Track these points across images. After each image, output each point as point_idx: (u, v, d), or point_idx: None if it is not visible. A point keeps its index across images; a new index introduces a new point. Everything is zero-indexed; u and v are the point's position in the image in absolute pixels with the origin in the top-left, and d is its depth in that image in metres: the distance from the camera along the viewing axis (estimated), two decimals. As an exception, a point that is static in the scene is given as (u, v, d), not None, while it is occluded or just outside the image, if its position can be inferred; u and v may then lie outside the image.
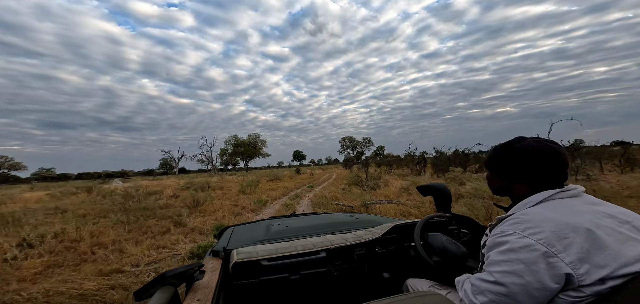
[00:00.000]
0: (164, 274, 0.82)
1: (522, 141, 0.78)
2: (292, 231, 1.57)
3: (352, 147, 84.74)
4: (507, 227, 0.69)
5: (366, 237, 1.37)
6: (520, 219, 0.68)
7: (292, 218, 1.99)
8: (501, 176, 0.83)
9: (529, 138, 0.79)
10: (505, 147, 0.82)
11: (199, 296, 0.88)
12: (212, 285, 0.96)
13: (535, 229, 0.64)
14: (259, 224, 1.88)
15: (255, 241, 1.46)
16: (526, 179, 0.76)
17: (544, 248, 0.61)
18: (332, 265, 1.27)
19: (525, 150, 0.76)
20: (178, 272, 0.86)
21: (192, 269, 0.96)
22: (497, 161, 0.83)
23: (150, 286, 0.79)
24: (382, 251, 1.38)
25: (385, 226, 1.46)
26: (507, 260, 0.65)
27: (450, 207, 1.34)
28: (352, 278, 1.32)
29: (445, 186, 1.35)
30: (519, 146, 0.78)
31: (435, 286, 1.05)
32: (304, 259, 1.22)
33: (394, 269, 1.39)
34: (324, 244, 1.30)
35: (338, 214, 2.14)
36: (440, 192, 1.33)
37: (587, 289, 0.59)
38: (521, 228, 0.66)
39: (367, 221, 1.72)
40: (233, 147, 53.99)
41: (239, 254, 1.20)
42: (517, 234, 0.65)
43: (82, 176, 72.44)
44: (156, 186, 17.57)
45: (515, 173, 0.78)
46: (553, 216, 0.65)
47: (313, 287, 1.24)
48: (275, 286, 1.18)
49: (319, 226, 1.65)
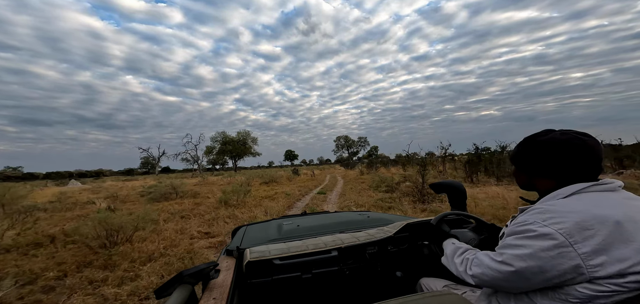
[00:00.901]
0: (182, 273, 0.85)
1: (547, 134, 0.76)
2: (304, 230, 1.58)
3: (347, 146, 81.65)
4: (529, 216, 0.69)
5: (378, 236, 1.37)
6: (544, 209, 0.67)
7: (303, 217, 2.01)
8: (525, 170, 0.81)
9: (556, 131, 0.76)
10: (528, 141, 0.80)
11: (215, 295, 0.90)
12: (226, 284, 0.98)
13: (558, 219, 0.63)
14: (271, 223, 1.90)
15: (268, 240, 1.46)
16: (551, 174, 0.75)
17: (562, 238, 0.61)
18: (343, 264, 1.27)
19: (550, 143, 0.74)
20: (195, 271, 0.89)
21: (208, 268, 0.97)
22: (521, 155, 0.82)
23: (169, 285, 0.82)
24: (395, 250, 1.37)
25: (397, 224, 1.44)
26: (522, 245, 0.65)
27: (465, 205, 1.33)
28: (364, 277, 1.32)
29: (459, 183, 1.34)
30: (542, 139, 0.76)
31: (451, 285, 1.05)
32: (315, 258, 1.23)
33: (407, 268, 1.38)
34: (335, 243, 1.30)
35: (349, 212, 2.16)
36: (455, 190, 1.32)
37: (605, 283, 0.58)
38: (543, 218, 0.65)
39: (379, 220, 1.72)
40: (221, 145, 49.38)
41: (252, 253, 1.21)
42: (538, 223, 0.65)
43: (50, 176, 65.81)
44: (111, 188, 13.92)
45: (539, 167, 0.77)
46: (581, 208, 0.64)
47: (325, 286, 1.24)
48: (287, 285, 1.18)
49: (331, 225, 1.65)
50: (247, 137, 53.53)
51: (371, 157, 72.04)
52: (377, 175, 15.00)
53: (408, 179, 9.87)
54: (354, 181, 15.54)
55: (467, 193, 1.35)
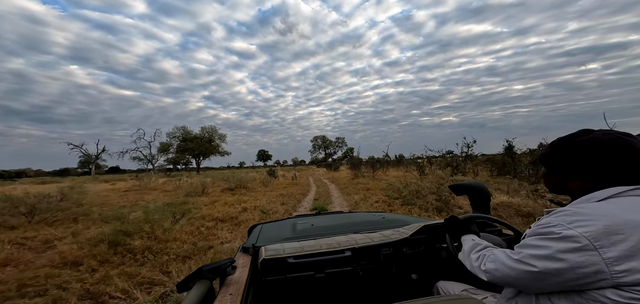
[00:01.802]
0: (201, 269, 0.88)
1: (587, 134, 0.71)
2: (318, 230, 1.57)
3: (324, 147, 78.09)
4: (554, 218, 0.65)
5: (393, 237, 1.33)
6: (571, 212, 0.64)
7: (317, 217, 2.00)
8: (558, 172, 0.76)
9: (597, 131, 0.71)
10: (565, 141, 0.74)
11: (231, 291, 0.92)
12: (242, 280, 1.00)
13: (585, 222, 0.60)
14: (285, 222, 1.91)
15: (282, 238, 1.46)
16: (587, 176, 0.69)
17: (586, 242, 0.58)
18: (357, 264, 1.25)
19: (591, 144, 0.69)
20: (213, 267, 0.93)
21: (225, 265, 1.00)
22: (554, 156, 0.76)
23: (190, 280, 0.85)
24: (411, 251, 1.34)
25: (413, 226, 1.40)
26: (542, 246, 0.63)
27: (489, 208, 1.28)
28: (378, 278, 1.29)
29: (483, 185, 1.30)
30: (582, 139, 0.70)
31: (470, 290, 1.01)
32: (329, 258, 1.22)
33: (423, 270, 1.34)
34: (349, 243, 1.28)
35: (364, 213, 2.13)
36: (478, 192, 1.27)
37: (634, 290, 0.55)
38: (569, 220, 0.62)
39: (394, 221, 1.68)
40: (180, 141, 42.25)
41: (267, 251, 1.21)
42: (562, 225, 0.62)
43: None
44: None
45: (574, 169, 0.72)
46: (613, 212, 0.60)
47: (338, 286, 1.23)
48: (301, 283, 1.18)
49: (345, 225, 1.63)
50: (214, 134, 46.74)
51: (347, 157, 70.27)
52: (376, 179, 11.17)
53: (426, 187, 6.19)
54: (351, 187, 11.61)
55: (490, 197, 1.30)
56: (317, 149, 78.62)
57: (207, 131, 46.82)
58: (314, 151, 78.85)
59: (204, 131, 45.90)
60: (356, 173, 15.62)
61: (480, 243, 0.88)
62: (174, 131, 42.84)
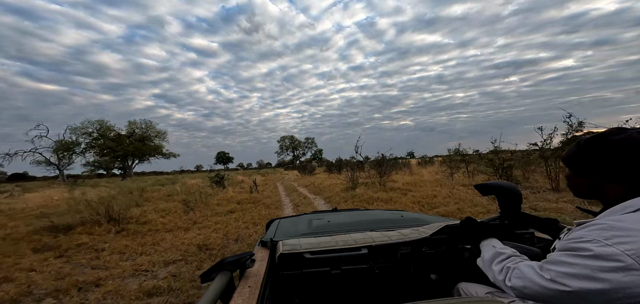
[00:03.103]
0: (223, 261, 0.93)
1: (622, 133, 0.66)
2: (334, 226, 1.57)
3: (292, 148, 71.43)
4: (587, 232, 0.61)
5: (412, 236, 1.28)
6: (607, 226, 0.59)
7: (334, 213, 2.00)
8: (588, 174, 0.71)
9: (631, 129, 0.66)
10: (597, 140, 0.68)
11: (250, 283, 0.93)
12: (261, 273, 1.00)
13: (626, 238, 0.55)
14: (302, 217, 1.92)
15: (299, 234, 1.46)
16: (622, 179, 0.65)
17: (631, 260, 0.53)
18: (373, 262, 1.21)
19: (627, 143, 0.63)
20: (234, 260, 0.95)
21: (245, 258, 1.01)
22: (585, 156, 0.71)
23: (213, 271, 0.90)
24: (431, 251, 1.25)
25: (434, 225, 1.34)
26: (575, 264, 0.58)
27: (519, 209, 1.14)
28: (395, 277, 1.24)
29: (513, 185, 1.16)
30: (617, 138, 0.65)
31: (495, 293, 0.95)
32: (345, 255, 1.20)
33: (443, 271, 1.25)
34: (365, 241, 1.25)
35: (382, 211, 2.15)
36: (507, 192, 1.13)
37: None
38: (606, 236, 0.57)
39: (414, 220, 1.65)
40: (95, 139, 31.89)
41: (284, 246, 1.22)
42: (599, 242, 0.57)
43: None
44: None
45: (608, 171, 0.66)
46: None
47: (354, 283, 1.20)
48: (316, 278, 1.17)
49: (362, 223, 1.62)
50: (149, 131, 36.98)
51: (315, 159, 64.93)
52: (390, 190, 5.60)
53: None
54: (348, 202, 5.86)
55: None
56: (284, 151, 71.54)
57: (137, 127, 36.47)
58: (281, 152, 71.62)
59: (133, 126, 35.65)
60: (353, 179, 9.86)
61: (503, 252, 0.78)
62: (86, 124, 31.74)
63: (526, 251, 0.94)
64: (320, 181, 14.41)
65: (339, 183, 11.56)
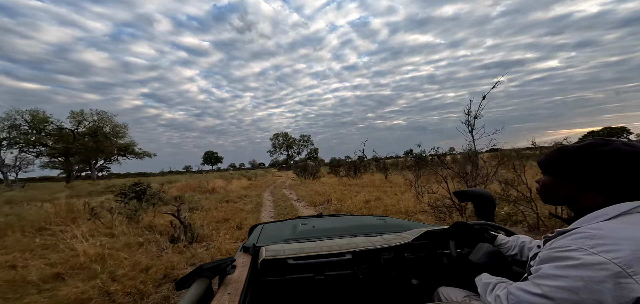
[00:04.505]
0: (201, 267, 0.88)
1: (609, 144, 0.66)
2: (319, 232, 1.56)
3: (286, 146, 65.89)
4: (571, 241, 0.61)
5: (395, 241, 1.30)
6: (590, 234, 0.60)
7: (319, 219, 1.97)
8: (569, 181, 0.71)
9: (617, 141, 0.68)
10: (585, 150, 0.68)
11: (230, 290, 0.90)
12: (241, 280, 0.98)
13: (611, 246, 0.56)
14: (286, 223, 1.89)
15: (283, 239, 1.45)
16: (605, 189, 0.65)
17: (619, 268, 0.54)
18: (357, 268, 1.23)
19: (615, 154, 0.64)
20: (213, 266, 0.92)
21: (225, 264, 0.98)
22: (567, 164, 0.70)
23: (189, 278, 0.85)
24: (412, 257, 1.30)
25: (416, 231, 1.37)
26: (565, 276, 0.58)
27: (493, 215, 1.25)
28: (378, 282, 1.27)
29: (487, 192, 1.27)
30: (606, 149, 0.65)
31: (472, 296, 0.98)
32: (329, 260, 1.21)
33: (424, 276, 1.29)
34: (349, 247, 1.27)
35: (366, 216, 2.14)
36: (482, 198, 1.25)
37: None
38: (590, 244, 0.58)
39: (396, 226, 1.66)
40: (22, 135, 24.88)
41: (267, 252, 1.21)
42: (584, 250, 0.58)
43: None
44: None
45: (593, 180, 0.67)
46: (635, 234, 0.57)
47: (337, 288, 1.21)
48: (300, 285, 1.17)
49: (346, 228, 1.61)
50: (104, 125, 30.04)
51: (309, 160, 59.64)
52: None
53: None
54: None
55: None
56: (277, 149, 66.12)
57: (84, 118, 28.57)
58: (274, 151, 66.20)
59: (77, 117, 27.82)
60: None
61: (490, 281, 0.80)
62: (9, 115, 24.51)
63: (500, 256, 0.98)
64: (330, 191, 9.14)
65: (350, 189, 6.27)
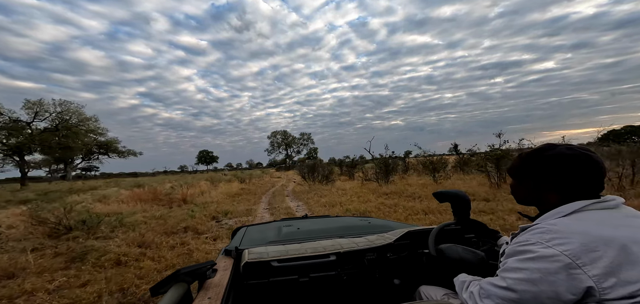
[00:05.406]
0: (178, 272, 0.84)
1: (553, 149, 0.74)
2: (303, 234, 1.56)
3: (285, 145, 62.68)
4: (531, 236, 0.67)
5: (378, 242, 1.33)
6: (546, 229, 0.65)
7: (303, 220, 1.97)
8: (530, 184, 0.79)
9: (561, 145, 0.74)
10: (534, 155, 0.78)
11: (210, 294, 0.88)
12: (223, 284, 0.96)
13: (562, 240, 0.62)
14: (271, 225, 1.88)
15: (267, 242, 1.44)
16: (557, 189, 0.73)
17: (569, 260, 0.59)
18: (341, 269, 1.25)
19: (558, 158, 0.72)
20: (191, 270, 0.88)
21: (205, 268, 0.96)
22: (525, 169, 0.80)
23: (165, 283, 0.80)
24: (394, 257, 1.33)
25: (398, 231, 1.40)
26: (525, 268, 0.64)
27: (469, 214, 1.26)
28: (362, 283, 1.29)
29: (463, 192, 1.27)
30: (550, 153, 0.74)
31: (450, 294, 1.03)
32: (313, 262, 1.20)
33: (405, 276, 1.33)
34: (334, 248, 1.27)
35: (350, 218, 2.15)
36: (458, 199, 1.25)
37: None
38: (546, 238, 0.64)
39: (380, 226, 1.68)
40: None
41: (250, 254, 1.19)
42: (541, 244, 0.63)
43: None
44: None
45: (545, 181, 0.74)
46: (584, 229, 0.62)
47: (322, 290, 1.21)
48: (284, 287, 1.17)
49: (330, 230, 1.62)
50: (70, 117, 25.50)
51: (308, 159, 56.35)
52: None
53: None
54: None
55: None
56: (276, 148, 62.82)
57: (44, 108, 24.03)
58: (272, 150, 62.86)
59: (33, 107, 23.43)
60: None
61: (465, 280, 0.84)
62: None
63: (472, 254, 0.99)
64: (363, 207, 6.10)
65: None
